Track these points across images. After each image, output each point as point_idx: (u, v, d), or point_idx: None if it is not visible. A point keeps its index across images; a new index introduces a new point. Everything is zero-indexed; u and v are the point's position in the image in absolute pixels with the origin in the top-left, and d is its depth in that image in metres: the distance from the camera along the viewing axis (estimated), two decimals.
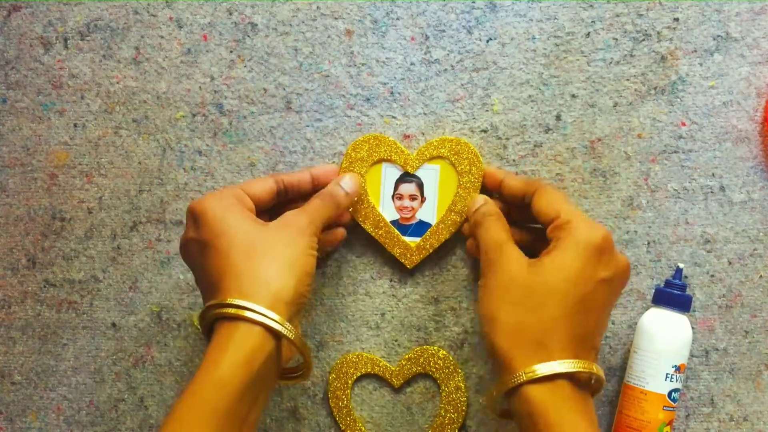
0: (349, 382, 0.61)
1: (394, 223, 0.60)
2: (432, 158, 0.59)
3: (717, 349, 0.60)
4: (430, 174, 0.60)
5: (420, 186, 0.60)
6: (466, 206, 0.59)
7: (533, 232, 0.58)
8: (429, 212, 0.59)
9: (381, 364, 0.61)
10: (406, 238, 0.60)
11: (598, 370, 0.49)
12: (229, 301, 0.48)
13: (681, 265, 0.58)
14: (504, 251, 0.52)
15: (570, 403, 0.47)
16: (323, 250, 0.60)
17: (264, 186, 0.56)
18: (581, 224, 0.50)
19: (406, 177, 0.60)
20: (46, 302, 0.64)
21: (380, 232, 0.60)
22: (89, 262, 0.64)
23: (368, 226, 0.60)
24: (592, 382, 0.50)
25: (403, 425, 0.62)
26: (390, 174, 0.60)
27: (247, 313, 0.47)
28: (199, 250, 0.51)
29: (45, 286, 0.64)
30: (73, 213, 0.64)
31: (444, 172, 0.60)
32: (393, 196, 0.60)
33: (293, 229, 0.52)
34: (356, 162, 0.60)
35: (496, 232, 0.54)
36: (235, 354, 0.47)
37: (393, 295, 0.62)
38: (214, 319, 0.49)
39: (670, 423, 0.56)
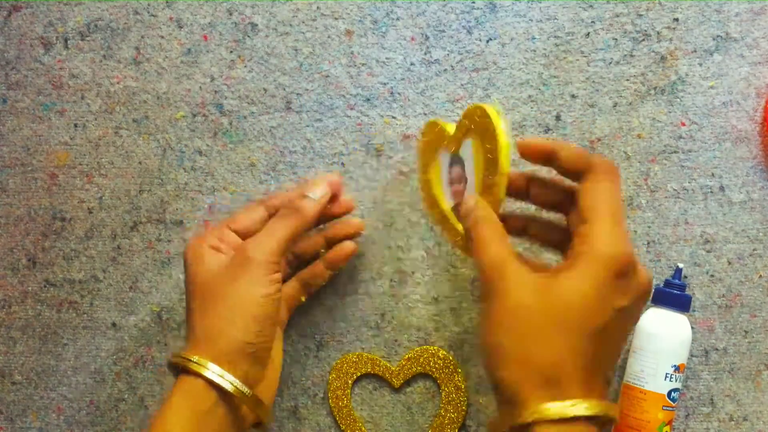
0: (349, 382, 0.61)
1: (455, 210, 0.54)
2: (466, 133, 0.52)
3: (717, 349, 0.60)
4: (467, 152, 0.52)
5: (463, 167, 0.53)
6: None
7: (556, 231, 0.52)
8: (470, 192, 0.54)
9: (381, 364, 0.61)
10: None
11: (614, 411, 0.44)
12: (180, 353, 0.50)
13: (680, 265, 0.58)
14: (507, 273, 0.44)
15: None
16: (334, 267, 0.59)
17: (254, 216, 0.55)
18: (601, 237, 0.43)
19: (453, 160, 0.54)
20: (46, 302, 0.64)
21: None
22: (89, 262, 0.64)
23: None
24: (607, 418, 0.43)
25: (403, 425, 0.62)
26: (444, 161, 0.55)
27: (191, 366, 0.49)
28: (186, 294, 0.53)
29: (45, 286, 0.64)
30: (74, 213, 0.64)
31: (474, 147, 0.51)
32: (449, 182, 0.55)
33: (243, 268, 0.50)
34: (426, 152, 0.56)
35: (495, 246, 0.46)
36: (180, 403, 0.48)
37: (393, 295, 0.62)
38: (175, 370, 0.51)
39: (669, 423, 0.56)
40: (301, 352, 0.62)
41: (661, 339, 0.56)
